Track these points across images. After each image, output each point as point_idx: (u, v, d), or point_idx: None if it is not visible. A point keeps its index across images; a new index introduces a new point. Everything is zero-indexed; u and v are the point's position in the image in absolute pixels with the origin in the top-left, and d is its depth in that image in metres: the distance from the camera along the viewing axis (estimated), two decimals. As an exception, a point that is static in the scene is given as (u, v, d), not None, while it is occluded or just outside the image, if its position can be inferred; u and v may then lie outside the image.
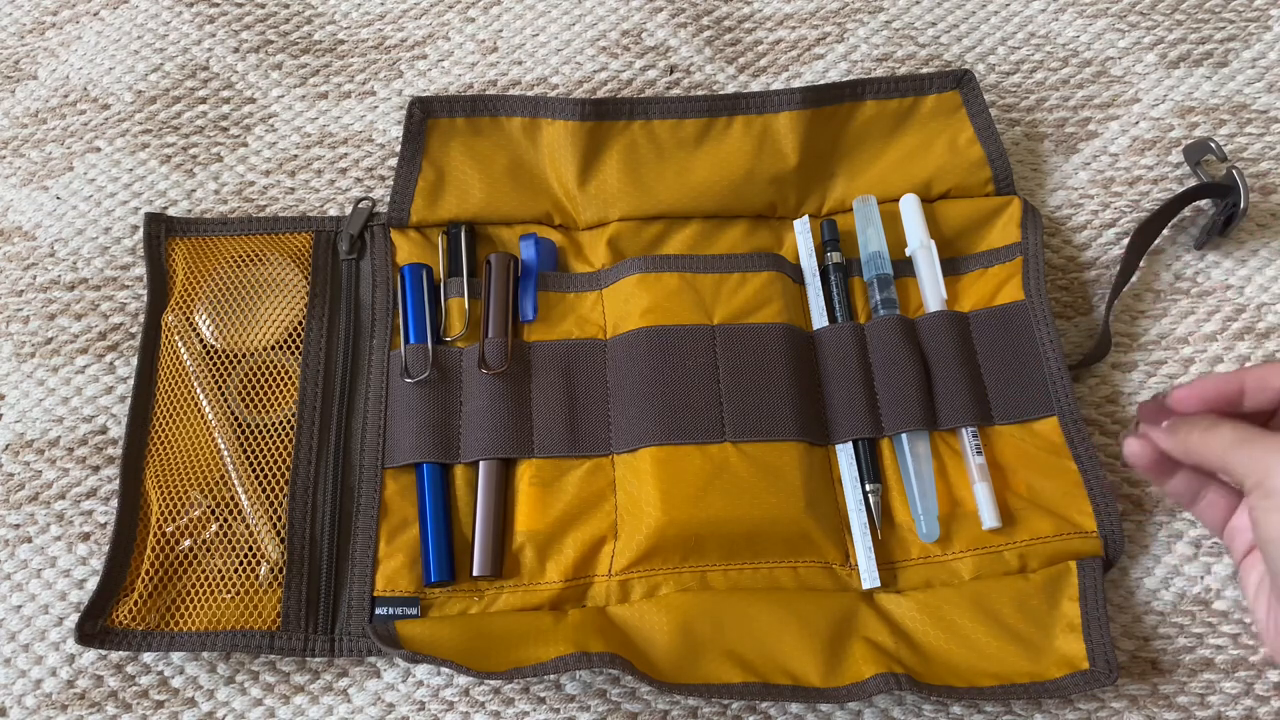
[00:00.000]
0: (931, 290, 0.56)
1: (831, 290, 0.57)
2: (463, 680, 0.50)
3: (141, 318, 0.58)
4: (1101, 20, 0.68)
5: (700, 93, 0.65)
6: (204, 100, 0.66)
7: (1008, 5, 0.69)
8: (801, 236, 0.58)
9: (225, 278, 0.57)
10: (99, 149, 0.64)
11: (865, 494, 0.52)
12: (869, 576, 0.50)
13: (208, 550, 0.51)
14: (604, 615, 0.50)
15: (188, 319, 0.56)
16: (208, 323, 0.56)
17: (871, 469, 0.53)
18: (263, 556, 0.51)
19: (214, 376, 0.55)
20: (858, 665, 0.47)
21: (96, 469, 0.55)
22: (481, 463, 0.53)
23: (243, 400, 0.54)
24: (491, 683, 0.49)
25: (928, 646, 0.48)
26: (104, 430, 0.56)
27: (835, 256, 0.57)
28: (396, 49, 0.68)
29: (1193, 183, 0.60)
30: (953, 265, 0.58)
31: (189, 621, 0.50)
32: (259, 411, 0.54)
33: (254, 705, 0.50)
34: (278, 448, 0.53)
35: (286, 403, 0.55)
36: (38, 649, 0.51)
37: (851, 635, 0.48)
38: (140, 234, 0.60)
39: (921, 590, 0.50)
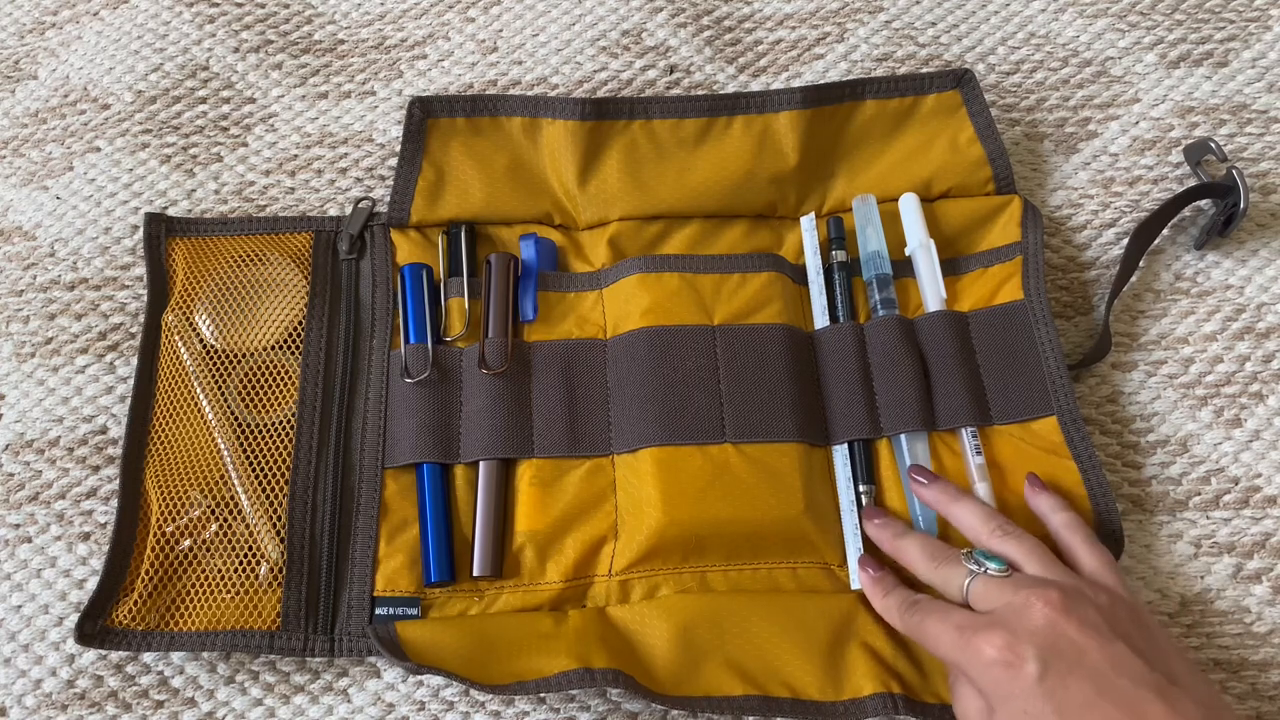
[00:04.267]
0: (931, 290, 0.56)
1: (834, 289, 0.57)
2: (463, 680, 0.50)
3: (141, 318, 0.58)
4: (1101, 20, 0.68)
5: (700, 93, 0.65)
6: (204, 100, 0.66)
7: (1008, 5, 0.69)
8: (808, 234, 0.58)
9: (225, 278, 0.57)
10: (99, 149, 0.64)
11: (858, 495, 0.52)
12: (858, 577, 0.50)
13: (208, 550, 0.51)
14: (604, 619, 0.50)
15: (188, 319, 0.56)
16: (208, 323, 0.56)
17: (866, 470, 0.53)
18: (263, 556, 0.51)
19: (214, 376, 0.55)
20: (856, 679, 0.47)
21: (96, 469, 0.55)
22: (481, 463, 0.53)
23: (243, 400, 0.54)
24: (497, 695, 0.49)
25: (925, 654, 0.48)
26: (104, 430, 0.56)
27: (840, 255, 0.57)
28: (396, 49, 0.68)
29: (1193, 183, 0.61)
30: (952, 265, 0.58)
31: (189, 621, 0.50)
32: (259, 411, 0.54)
33: (254, 705, 0.50)
34: (278, 448, 0.53)
35: (286, 403, 0.55)
36: (38, 649, 0.51)
37: (850, 640, 0.48)
38: (140, 234, 0.60)
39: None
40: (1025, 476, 0.51)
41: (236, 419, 0.54)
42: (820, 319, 0.56)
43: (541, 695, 0.50)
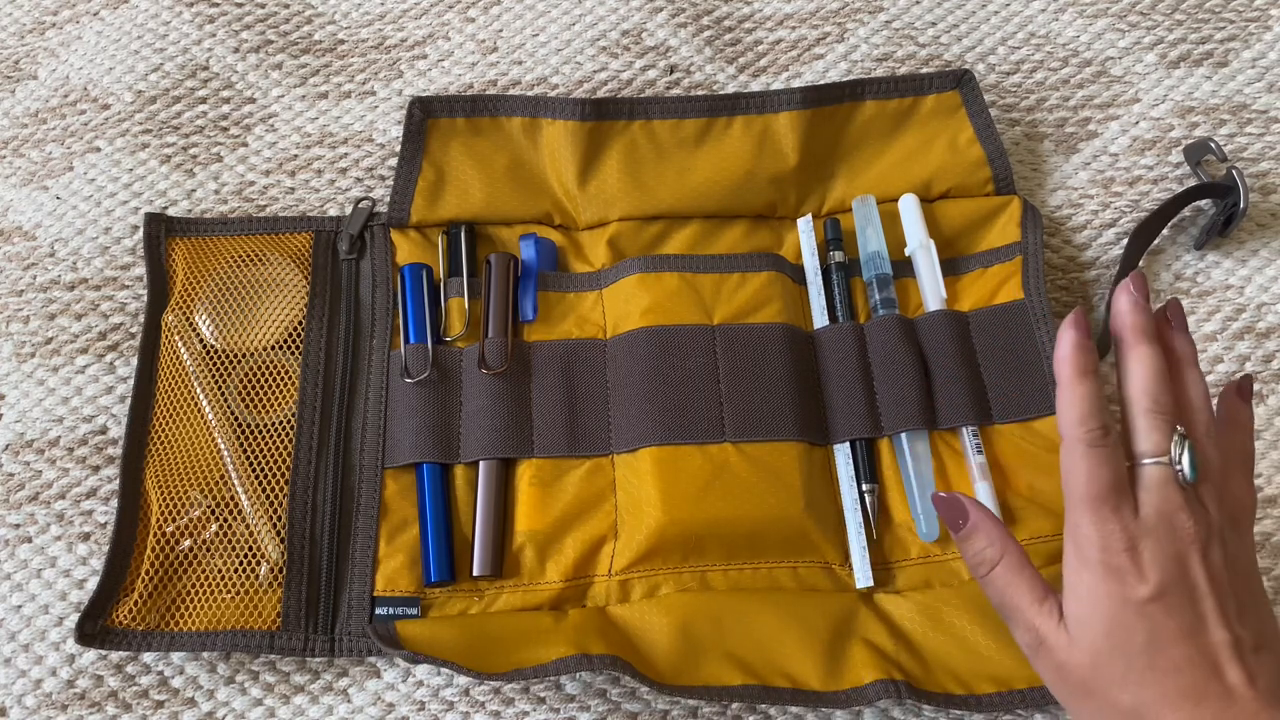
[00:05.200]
0: (931, 290, 0.56)
1: (833, 289, 0.57)
2: (463, 680, 0.50)
3: (141, 318, 0.58)
4: (1101, 20, 0.68)
5: (700, 93, 0.65)
6: (204, 100, 0.66)
7: (1008, 5, 0.69)
8: (805, 235, 0.58)
9: (225, 278, 0.57)
10: (99, 149, 0.64)
11: (861, 494, 0.52)
12: (863, 575, 0.50)
13: (208, 550, 0.51)
14: (604, 615, 0.50)
15: (188, 319, 0.56)
16: (208, 322, 0.56)
17: (868, 469, 0.53)
18: (263, 556, 0.51)
19: (214, 376, 0.55)
20: (857, 670, 0.47)
21: (96, 469, 0.55)
22: (481, 463, 0.53)
23: (243, 400, 0.54)
24: (491, 683, 0.49)
25: (927, 649, 0.48)
26: (104, 430, 0.56)
27: (838, 256, 0.57)
28: (396, 49, 0.68)
29: (1193, 183, 0.61)
30: (952, 265, 0.58)
31: (189, 621, 0.50)
32: (259, 411, 0.54)
33: (254, 705, 0.50)
34: (278, 448, 0.53)
35: (286, 403, 0.55)
36: (38, 649, 0.51)
37: (850, 636, 0.48)
38: (140, 234, 0.60)
39: (921, 590, 0.50)
40: (1241, 378, 0.45)
41: (236, 419, 0.54)
42: (819, 319, 0.56)
43: (541, 696, 0.50)
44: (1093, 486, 0.39)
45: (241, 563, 0.51)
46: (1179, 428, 0.41)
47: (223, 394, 0.54)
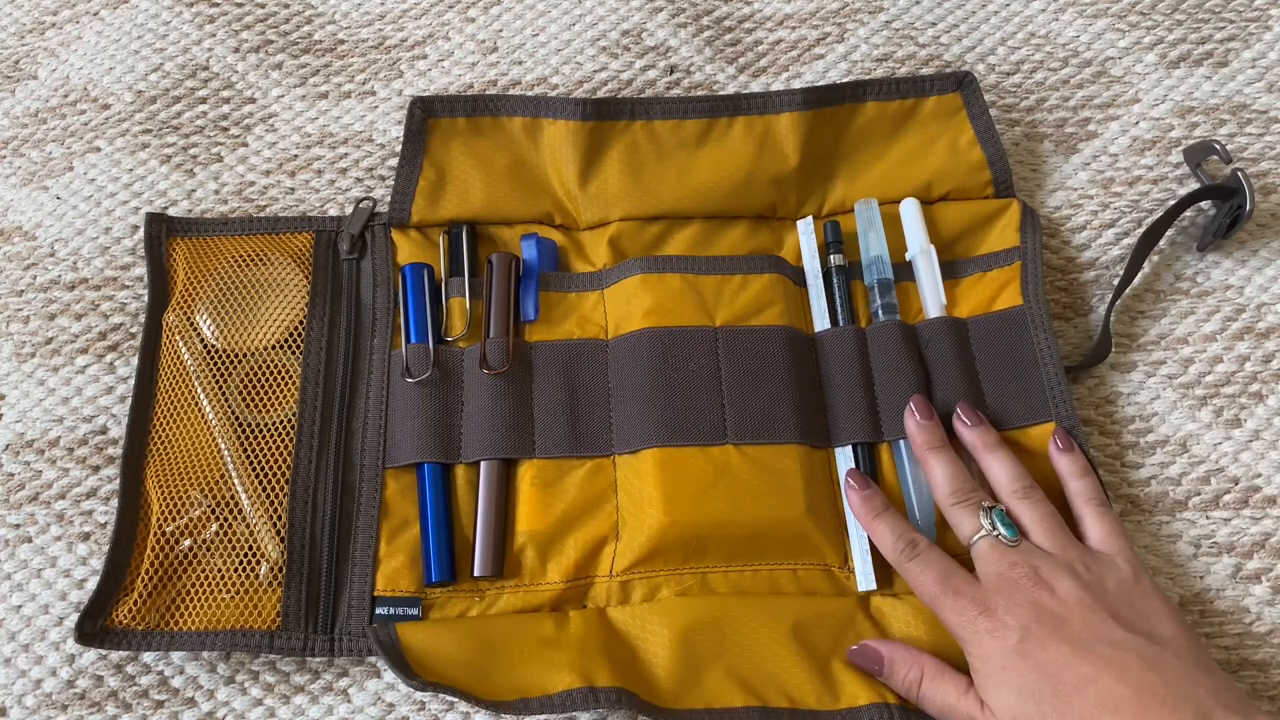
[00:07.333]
0: (931, 296, 0.56)
1: (834, 292, 0.57)
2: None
3: (142, 317, 0.58)
4: (1101, 20, 0.68)
5: (700, 93, 0.65)
6: (204, 100, 0.66)
7: (1008, 5, 0.69)
8: (805, 237, 0.58)
9: (226, 277, 0.57)
10: (99, 149, 0.64)
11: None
12: (864, 578, 0.50)
13: (208, 550, 0.51)
14: (605, 623, 0.50)
15: (188, 319, 0.56)
16: (208, 322, 0.56)
17: (870, 473, 0.52)
18: (263, 556, 0.51)
19: (215, 376, 0.55)
20: (852, 689, 0.47)
21: (96, 469, 0.55)
22: (483, 463, 0.53)
23: (243, 400, 0.54)
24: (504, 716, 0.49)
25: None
26: (104, 430, 0.56)
27: (838, 259, 0.57)
28: (396, 49, 0.68)
29: (1192, 183, 0.61)
30: (951, 268, 0.58)
31: (189, 621, 0.50)
32: (259, 411, 0.54)
33: (254, 705, 0.50)
34: (278, 447, 0.53)
35: (287, 402, 0.55)
36: (38, 649, 0.51)
37: (848, 645, 0.48)
38: (140, 234, 0.60)
39: (919, 593, 0.51)
40: (1052, 431, 0.51)
41: (237, 419, 0.54)
42: (820, 322, 0.56)
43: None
44: (929, 589, 0.46)
45: (241, 562, 0.51)
46: (983, 503, 0.48)
47: (223, 394, 0.54)
